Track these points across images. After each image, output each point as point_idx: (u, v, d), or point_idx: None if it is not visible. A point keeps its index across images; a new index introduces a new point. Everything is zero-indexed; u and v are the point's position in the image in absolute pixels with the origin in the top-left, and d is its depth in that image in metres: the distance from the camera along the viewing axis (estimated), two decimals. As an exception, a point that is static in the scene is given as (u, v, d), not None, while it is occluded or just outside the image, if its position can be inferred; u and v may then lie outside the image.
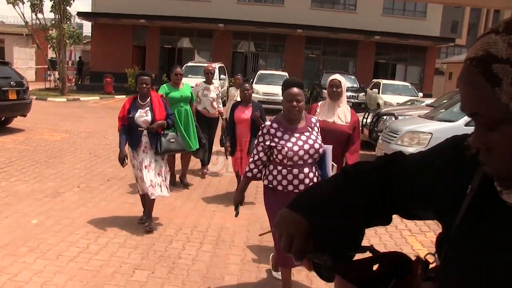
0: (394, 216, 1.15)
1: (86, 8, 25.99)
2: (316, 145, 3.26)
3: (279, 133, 3.25)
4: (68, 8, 20.36)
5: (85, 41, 27.60)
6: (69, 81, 22.40)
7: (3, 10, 49.72)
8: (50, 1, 19.75)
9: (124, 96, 19.95)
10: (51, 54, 24.38)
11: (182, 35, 26.03)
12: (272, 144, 3.23)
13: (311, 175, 3.25)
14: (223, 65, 19.73)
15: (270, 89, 17.53)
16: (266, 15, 24.14)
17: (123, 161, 4.85)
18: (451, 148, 1.00)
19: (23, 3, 20.11)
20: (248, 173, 3.34)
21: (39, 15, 20.98)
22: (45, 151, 8.45)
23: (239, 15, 23.75)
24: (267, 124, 3.33)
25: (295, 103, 3.23)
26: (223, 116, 7.27)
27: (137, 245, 4.43)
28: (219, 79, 16.63)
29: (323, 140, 3.87)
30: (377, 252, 1.06)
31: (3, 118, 10.41)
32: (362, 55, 26.00)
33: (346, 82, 4.18)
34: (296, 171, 3.20)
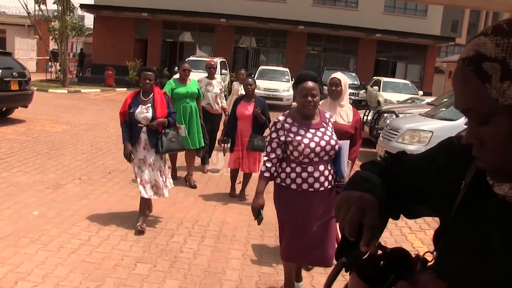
0: None
1: (88, 0, 25.93)
2: (332, 142, 3.12)
3: (294, 128, 3.09)
4: (71, 0, 20.32)
5: (86, 33, 27.50)
6: (70, 73, 22.38)
7: (4, 0, 49.49)
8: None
9: (125, 89, 19.95)
10: (53, 46, 24.34)
11: (184, 29, 26.00)
12: (288, 139, 3.07)
13: (326, 172, 3.12)
14: (224, 60, 19.72)
15: (271, 84, 17.55)
16: (268, 11, 24.09)
17: (129, 156, 4.68)
18: (446, 147, 1.07)
19: (27, -6, 20.12)
20: (266, 173, 3.13)
21: (42, 7, 20.96)
22: (46, 142, 8.45)
23: (241, 10, 23.71)
24: (280, 118, 3.15)
25: (310, 98, 3.06)
26: (226, 111, 7.19)
27: (138, 239, 4.45)
28: (220, 74, 16.60)
29: None
30: (385, 249, 1.08)
31: (4, 109, 10.40)
32: (363, 53, 26.00)
33: (347, 80, 4.10)
34: (311, 168, 3.07)
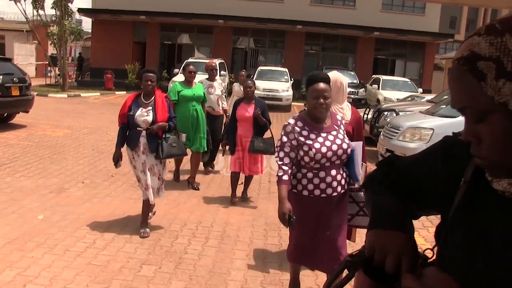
0: None
1: (86, 5, 25.98)
2: (344, 145, 2.99)
3: (304, 132, 2.97)
4: (69, 4, 20.35)
5: (85, 37, 27.54)
6: (70, 77, 22.41)
7: (3, 6, 49.58)
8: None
9: (125, 92, 19.98)
10: (52, 50, 24.38)
11: (182, 31, 26.02)
12: (298, 143, 2.95)
13: (338, 177, 3.01)
14: (223, 61, 19.74)
15: (270, 85, 17.57)
16: (266, 11, 24.10)
17: (117, 161, 4.64)
18: (442, 146, 1.09)
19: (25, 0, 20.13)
20: (285, 176, 2.96)
21: (40, 12, 21.00)
22: (48, 147, 8.49)
23: (239, 11, 23.73)
24: (290, 122, 3.02)
25: (322, 100, 2.91)
26: (227, 113, 7.15)
27: (143, 241, 4.48)
28: (219, 75, 16.61)
29: None
30: None
31: (5, 114, 10.43)
32: (361, 51, 26.01)
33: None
34: (323, 173, 2.95)
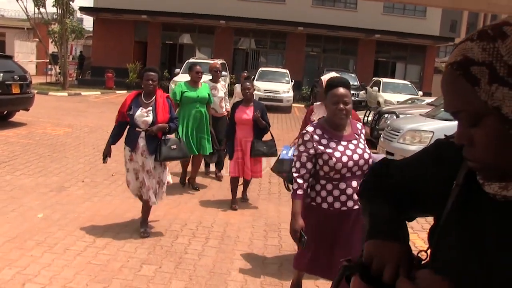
0: None
1: (88, 3, 25.99)
2: (366, 155, 2.85)
3: (324, 140, 2.80)
4: (70, 3, 20.36)
5: (86, 36, 27.55)
6: (70, 75, 22.42)
7: (3, 3, 49.63)
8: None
9: (125, 92, 19.96)
10: (53, 49, 24.37)
11: (184, 31, 26.02)
12: (317, 152, 2.78)
13: None
14: (224, 61, 19.76)
15: (271, 86, 17.58)
16: (267, 12, 24.12)
17: (105, 156, 4.62)
18: (435, 149, 1.11)
19: (26, -3, 20.16)
20: (299, 191, 2.81)
21: (42, 9, 21.00)
22: (48, 145, 8.48)
23: (240, 12, 23.73)
24: (308, 129, 2.85)
25: (342, 106, 2.76)
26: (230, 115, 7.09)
27: (143, 240, 4.48)
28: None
29: None
30: None
31: (5, 112, 10.43)
32: (362, 53, 26.03)
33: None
34: (343, 185, 2.78)
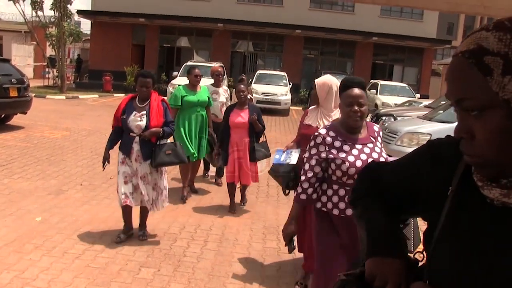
0: None
1: (85, 6, 26.00)
2: (382, 160, 2.69)
3: (337, 143, 2.66)
4: (68, 6, 20.37)
5: (83, 39, 27.58)
6: (68, 79, 22.40)
7: (1, 7, 49.55)
8: (50, -1, 19.80)
9: (123, 95, 19.94)
10: (50, 52, 24.37)
11: (181, 34, 26.07)
12: (329, 156, 2.65)
13: None
14: (222, 64, 19.75)
15: (269, 89, 17.61)
16: (265, 15, 24.19)
17: (104, 162, 4.51)
18: (428, 151, 1.09)
19: (24, 0, 20.12)
20: (302, 195, 2.72)
21: (39, 13, 21.00)
22: (46, 148, 8.47)
23: (238, 15, 23.79)
24: (321, 132, 2.72)
25: (356, 108, 2.62)
26: None
27: (142, 243, 4.47)
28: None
29: (302, 148, 3.55)
30: None
31: (3, 115, 10.41)
32: (359, 56, 26.13)
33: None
34: None
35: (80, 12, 24.84)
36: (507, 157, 0.84)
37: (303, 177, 2.73)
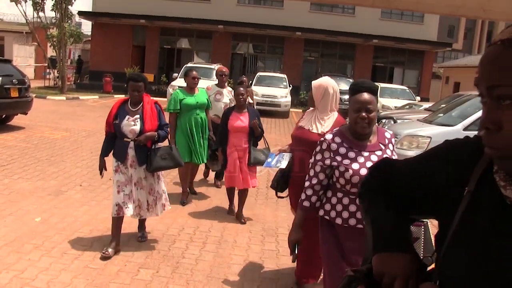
0: None
1: (86, 7, 26.05)
2: None
3: (342, 150, 2.55)
4: (69, 7, 20.42)
5: (84, 40, 27.62)
6: (68, 79, 22.44)
7: (2, 7, 49.59)
8: (52, 0, 19.82)
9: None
10: (51, 53, 24.41)
11: (182, 36, 26.11)
12: (333, 163, 2.55)
13: None
14: (221, 65, 19.80)
15: (269, 91, 17.64)
16: (265, 17, 24.23)
17: (101, 171, 4.36)
18: (445, 150, 1.08)
19: (26, 1, 20.17)
20: (305, 202, 2.64)
21: (40, 14, 21.06)
22: (46, 149, 8.49)
23: (238, 17, 23.84)
24: (327, 137, 2.62)
25: (364, 114, 2.49)
26: None
27: (140, 244, 4.48)
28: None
29: (292, 149, 3.48)
30: None
31: (4, 116, 10.43)
32: (360, 58, 26.15)
33: (344, 85, 3.67)
34: None
35: (81, 13, 24.90)
36: None
37: (307, 183, 2.65)
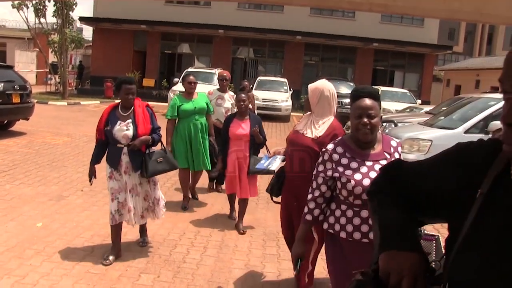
0: None
1: (87, 13, 26.18)
2: None
3: (344, 160, 2.44)
4: (70, 13, 20.53)
5: (85, 45, 27.73)
6: (70, 85, 22.51)
7: (5, 14, 49.96)
8: (53, 6, 19.94)
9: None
10: (52, 58, 24.52)
11: (182, 41, 26.19)
12: (335, 174, 2.44)
13: None
14: (223, 70, 19.84)
15: (269, 95, 17.68)
16: (266, 21, 24.29)
17: (91, 178, 4.31)
18: (457, 153, 1.07)
19: (28, 7, 20.29)
20: (308, 216, 2.53)
21: (42, 20, 21.18)
22: (48, 154, 8.51)
23: (239, 21, 23.89)
24: (329, 147, 2.51)
25: (365, 120, 2.37)
26: None
27: (141, 249, 4.49)
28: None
29: (288, 156, 3.40)
30: None
31: (5, 121, 10.47)
32: (360, 62, 26.18)
33: (345, 89, 3.61)
34: (365, 213, 2.38)
35: (82, 19, 25.00)
36: None
37: (309, 196, 2.54)
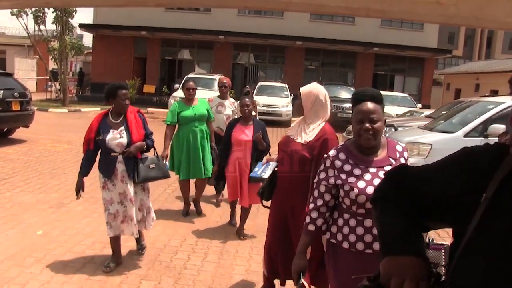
0: None
1: (87, 20, 26.24)
2: None
3: (347, 167, 2.31)
4: (70, 20, 20.60)
5: (85, 52, 27.81)
6: (70, 92, 22.55)
7: (4, 21, 50.22)
8: (53, 13, 20.01)
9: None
10: (52, 65, 24.58)
11: (183, 47, 26.24)
12: (338, 181, 2.31)
13: None
14: (223, 76, 19.87)
15: (270, 100, 17.71)
16: (266, 27, 24.35)
17: (78, 191, 4.12)
18: (462, 157, 1.07)
19: (27, 14, 20.37)
20: (310, 226, 2.36)
21: (42, 27, 21.26)
22: (48, 162, 8.51)
23: (239, 27, 23.95)
24: (331, 154, 2.39)
25: (367, 125, 2.24)
26: None
27: (142, 256, 4.47)
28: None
29: (280, 162, 3.33)
30: None
31: (5, 129, 10.48)
32: (360, 67, 26.21)
33: (345, 94, 3.51)
34: (369, 222, 2.24)
35: (82, 26, 25.06)
36: None
37: (311, 206, 2.39)
